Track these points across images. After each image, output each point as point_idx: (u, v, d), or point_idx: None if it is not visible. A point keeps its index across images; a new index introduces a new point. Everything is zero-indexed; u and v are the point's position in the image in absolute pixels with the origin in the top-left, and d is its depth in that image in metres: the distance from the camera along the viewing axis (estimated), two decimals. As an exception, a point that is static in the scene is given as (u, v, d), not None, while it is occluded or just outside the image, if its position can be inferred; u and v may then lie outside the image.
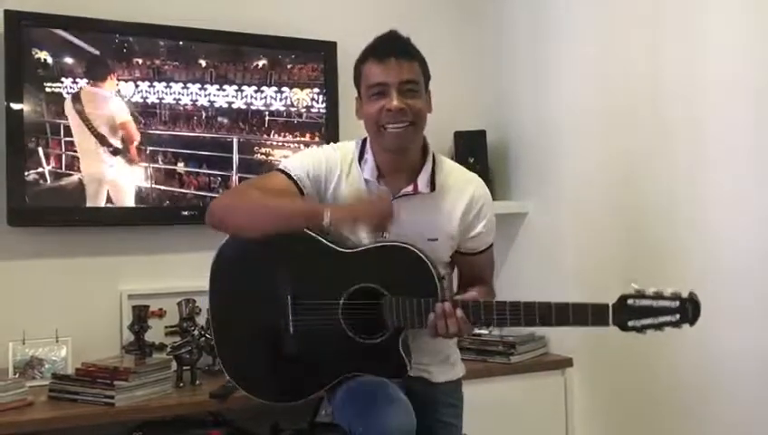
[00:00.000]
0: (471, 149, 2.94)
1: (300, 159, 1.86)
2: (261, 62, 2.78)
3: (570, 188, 2.74)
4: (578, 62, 2.68)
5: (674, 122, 2.32)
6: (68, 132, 2.49)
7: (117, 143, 2.56)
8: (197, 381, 2.40)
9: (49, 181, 2.46)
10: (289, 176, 1.80)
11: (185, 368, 2.40)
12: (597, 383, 2.67)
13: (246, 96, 2.75)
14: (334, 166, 1.83)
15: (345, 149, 1.88)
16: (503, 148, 3.05)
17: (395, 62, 1.74)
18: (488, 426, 2.22)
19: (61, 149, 2.48)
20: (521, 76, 2.98)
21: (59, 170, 2.47)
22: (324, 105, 2.85)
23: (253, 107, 2.76)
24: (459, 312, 1.64)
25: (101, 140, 2.53)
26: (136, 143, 2.59)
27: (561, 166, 2.78)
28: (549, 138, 2.83)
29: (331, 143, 1.95)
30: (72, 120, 2.50)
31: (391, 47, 1.77)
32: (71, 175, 2.49)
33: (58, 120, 2.47)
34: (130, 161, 2.58)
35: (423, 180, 1.83)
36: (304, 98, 2.83)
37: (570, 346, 2.76)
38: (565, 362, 2.75)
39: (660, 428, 2.39)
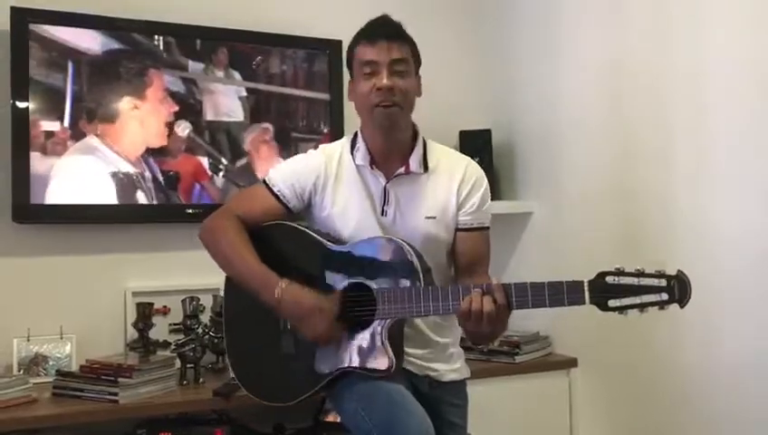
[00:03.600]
0: (476, 148, 2.92)
1: (284, 172, 1.91)
2: (267, 58, 2.78)
3: (575, 187, 2.73)
4: (584, 62, 2.68)
5: (678, 122, 2.31)
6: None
7: (119, 142, 2.56)
8: (201, 379, 2.40)
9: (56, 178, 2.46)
10: (272, 190, 1.87)
11: (188, 366, 2.40)
12: (601, 383, 2.66)
13: (251, 91, 2.76)
14: (319, 174, 1.87)
15: (331, 149, 1.92)
16: (508, 147, 3.04)
17: (386, 42, 1.81)
18: (493, 426, 2.22)
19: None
20: (526, 75, 2.98)
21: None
22: (329, 102, 2.85)
23: (258, 102, 2.77)
24: (499, 288, 1.60)
25: (104, 139, 2.54)
26: (140, 140, 2.58)
27: (567, 166, 2.77)
28: (554, 137, 2.82)
29: (320, 146, 1.97)
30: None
31: (382, 29, 1.84)
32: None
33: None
34: (131, 158, 2.57)
35: (415, 161, 1.87)
36: (309, 95, 2.84)
37: (574, 346, 2.75)
38: (570, 362, 2.75)
39: (665, 428, 2.38)
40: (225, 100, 2.72)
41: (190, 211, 2.62)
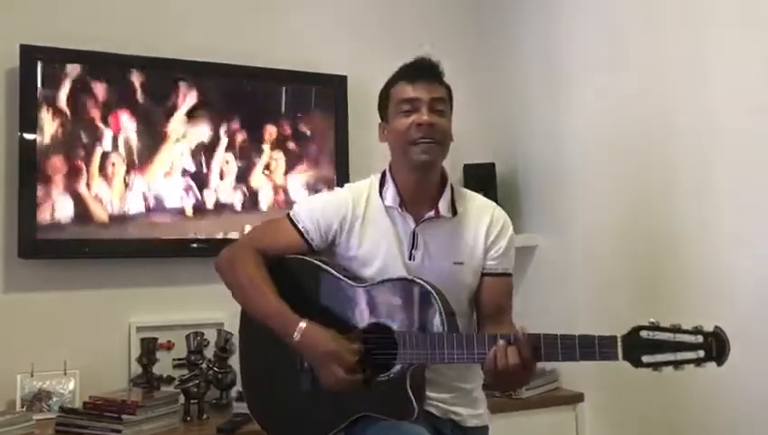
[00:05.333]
0: (480, 181, 2.93)
1: (309, 208, 1.85)
2: (272, 94, 2.82)
3: (580, 221, 2.73)
4: (588, 96, 2.69)
5: (684, 155, 2.32)
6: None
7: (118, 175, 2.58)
8: (205, 415, 2.39)
9: (61, 214, 2.47)
10: (296, 226, 1.82)
11: (192, 401, 2.38)
12: (608, 419, 2.63)
13: (258, 128, 2.78)
14: (346, 213, 1.82)
15: (358, 189, 1.87)
16: (512, 180, 3.05)
17: (427, 81, 1.80)
18: (499, 462, 2.19)
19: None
20: (531, 109, 3.00)
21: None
22: (334, 137, 2.88)
23: (264, 139, 2.79)
24: (527, 340, 1.55)
25: (102, 171, 2.56)
26: (134, 176, 2.60)
27: (571, 199, 2.77)
28: (559, 170, 2.83)
29: (346, 184, 1.93)
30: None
31: (424, 69, 1.82)
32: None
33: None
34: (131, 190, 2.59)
35: (444, 205, 1.83)
36: (315, 130, 2.87)
37: (581, 381, 2.73)
38: (576, 398, 2.72)
39: (674, 465, 2.35)
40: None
41: (195, 245, 2.62)
